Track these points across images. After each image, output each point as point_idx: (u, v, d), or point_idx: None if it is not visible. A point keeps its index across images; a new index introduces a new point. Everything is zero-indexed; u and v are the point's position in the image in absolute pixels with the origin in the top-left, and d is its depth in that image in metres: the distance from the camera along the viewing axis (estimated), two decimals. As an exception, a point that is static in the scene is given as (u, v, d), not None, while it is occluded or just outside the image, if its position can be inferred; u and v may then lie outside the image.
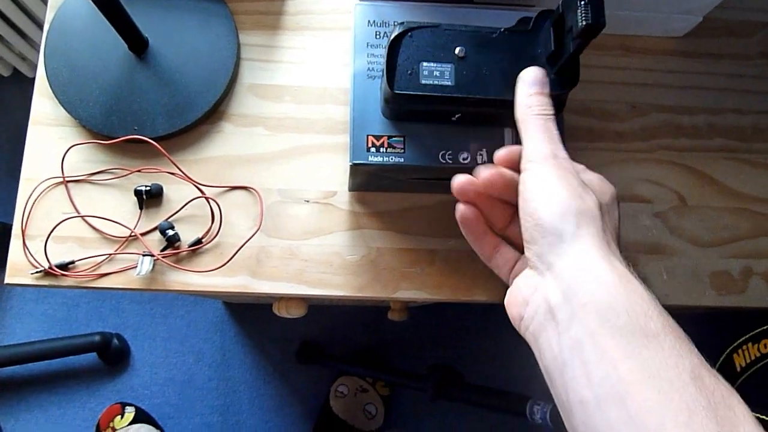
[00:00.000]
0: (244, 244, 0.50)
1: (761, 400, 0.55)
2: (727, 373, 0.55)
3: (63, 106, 0.52)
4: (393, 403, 1.24)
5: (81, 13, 0.53)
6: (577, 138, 0.56)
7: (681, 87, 0.59)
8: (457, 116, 0.44)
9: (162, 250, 0.51)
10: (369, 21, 0.47)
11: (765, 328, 0.57)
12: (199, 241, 0.51)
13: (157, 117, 0.52)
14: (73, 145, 0.52)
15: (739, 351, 0.56)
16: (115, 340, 1.20)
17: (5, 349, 1.18)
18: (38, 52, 1.16)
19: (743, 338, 0.56)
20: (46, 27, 0.54)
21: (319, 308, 1.25)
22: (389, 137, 0.45)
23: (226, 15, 0.54)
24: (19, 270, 0.50)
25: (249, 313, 1.26)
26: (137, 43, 0.52)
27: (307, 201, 0.53)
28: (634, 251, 0.55)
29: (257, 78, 0.55)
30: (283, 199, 0.53)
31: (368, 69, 0.46)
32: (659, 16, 0.56)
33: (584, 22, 0.36)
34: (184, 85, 0.52)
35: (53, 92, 0.52)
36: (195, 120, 0.52)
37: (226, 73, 0.53)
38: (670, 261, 0.55)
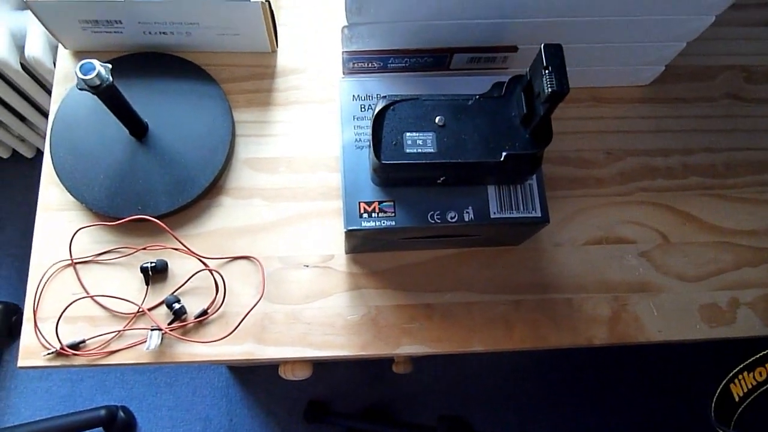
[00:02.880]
0: (248, 313, 0.52)
1: (760, 427, 0.56)
2: (727, 404, 0.56)
3: (69, 191, 0.55)
4: (404, 456, 1.22)
5: (83, 103, 0.57)
6: (559, 187, 0.59)
7: (653, 131, 0.62)
8: (442, 179, 0.46)
9: (169, 324, 0.53)
10: (353, 95, 0.50)
11: (758, 356, 0.58)
12: (204, 312, 0.53)
13: (159, 196, 0.55)
14: (79, 228, 0.54)
15: (736, 381, 0.57)
16: (121, 413, 1.19)
17: (11, 430, 1.17)
18: (36, 133, 1.21)
19: (738, 368, 0.58)
20: (50, 118, 0.57)
21: (324, 366, 1.26)
22: (380, 202, 0.47)
23: (221, 96, 0.58)
24: (32, 352, 0.52)
25: (254, 376, 1.27)
26: (138, 129, 0.55)
27: (307, 266, 0.55)
28: (623, 291, 0.57)
29: (252, 152, 0.58)
30: (284, 266, 0.55)
31: (356, 140, 0.49)
32: (625, 68, 0.60)
33: (549, 89, 0.39)
34: (184, 165, 0.55)
35: (59, 179, 0.55)
36: (195, 196, 0.55)
37: (223, 150, 0.56)
38: (658, 298, 0.57)
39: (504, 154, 0.44)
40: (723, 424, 0.54)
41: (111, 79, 0.47)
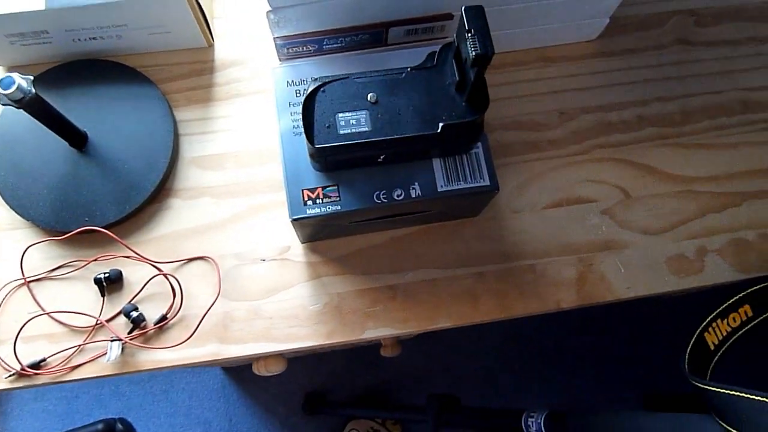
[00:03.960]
0: (206, 313, 0.52)
1: (738, 376, 0.56)
2: (701, 353, 0.56)
3: (14, 210, 0.54)
4: (407, 437, 1.23)
5: (19, 120, 0.55)
6: (513, 153, 0.58)
7: (605, 86, 0.61)
8: (382, 157, 0.45)
9: (129, 333, 0.52)
10: (288, 81, 0.49)
11: (730, 302, 0.58)
12: (164, 318, 0.52)
13: (105, 205, 0.53)
14: (28, 246, 0.53)
15: (710, 329, 0.57)
16: (119, 425, 1.19)
17: (12, 453, 1.17)
18: None
19: (711, 316, 0.57)
20: (-12, 138, 0.56)
21: (315, 357, 1.26)
22: (323, 188, 0.46)
23: (158, 96, 0.57)
24: (-6, 377, 0.51)
25: (249, 374, 1.26)
26: (76, 139, 0.54)
27: (263, 260, 0.54)
28: (587, 251, 0.56)
29: (197, 150, 0.57)
30: (240, 262, 0.54)
31: (293, 127, 0.48)
32: (568, 24, 0.58)
33: (474, 52, 0.38)
34: (127, 171, 0.54)
35: (3, 198, 0.54)
36: (142, 201, 0.54)
37: (166, 152, 0.55)
38: (624, 254, 0.56)
39: (441, 124, 0.43)
40: (698, 375, 0.53)
41: (33, 90, 0.45)
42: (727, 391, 0.47)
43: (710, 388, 0.49)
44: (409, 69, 0.44)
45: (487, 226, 0.56)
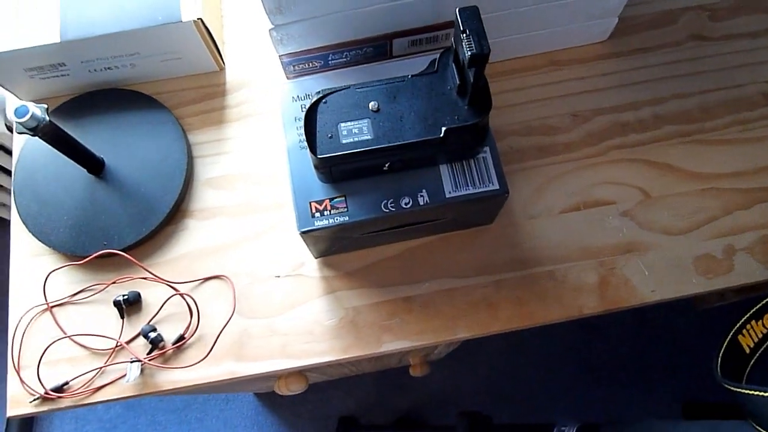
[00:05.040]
0: (221, 331, 0.52)
1: (776, 377, 0.53)
2: (736, 357, 0.53)
3: (37, 237, 0.55)
4: (443, 460, 1.20)
5: (41, 149, 0.57)
6: (527, 158, 0.57)
7: (618, 86, 0.60)
8: (387, 165, 0.45)
9: (148, 353, 0.52)
10: (293, 97, 0.50)
11: (766, 301, 0.55)
12: (182, 338, 0.52)
13: (123, 228, 0.54)
14: (51, 272, 0.55)
15: (744, 332, 0.54)
16: (156, 454, 1.20)
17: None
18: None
19: (745, 317, 0.55)
20: (13, 169, 0.58)
21: (347, 381, 1.24)
22: (331, 199, 0.46)
23: (172, 121, 0.58)
24: (19, 401, 0.52)
25: (281, 400, 1.26)
26: (94, 166, 0.55)
27: (278, 276, 0.54)
28: (608, 255, 0.54)
29: (211, 172, 0.58)
30: (255, 280, 0.54)
31: (300, 141, 0.48)
32: (576, 27, 0.58)
33: (469, 52, 0.38)
34: (143, 194, 0.55)
35: (26, 226, 0.56)
36: (158, 224, 0.55)
37: (181, 174, 0.56)
38: (647, 256, 0.54)
39: (444, 129, 0.43)
40: (733, 380, 0.51)
41: (47, 118, 0.47)
42: (762, 394, 0.44)
43: (745, 391, 0.46)
44: (410, 76, 0.44)
45: (503, 234, 0.55)
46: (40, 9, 0.54)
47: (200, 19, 0.53)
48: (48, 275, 0.54)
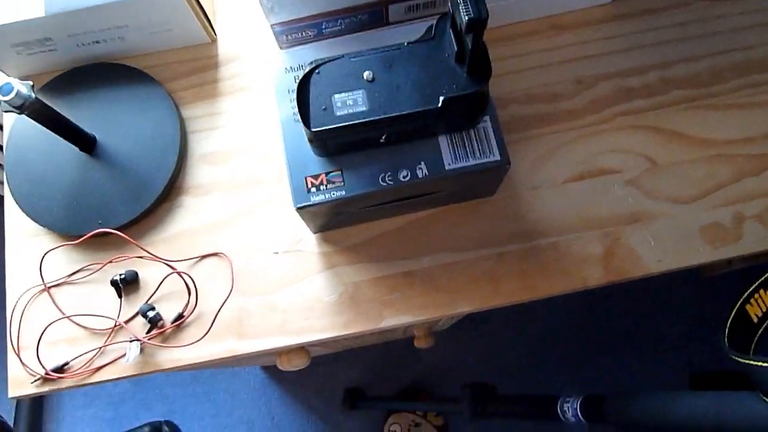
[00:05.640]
0: (219, 309, 0.51)
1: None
2: (743, 327, 0.52)
3: (30, 216, 0.54)
4: (451, 429, 1.21)
5: (31, 128, 0.55)
6: (529, 127, 0.56)
7: (623, 50, 0.58)
8: (384, 137, 0.44)
9: (147, 333, 0.52)
10: (286, 68, 0.48)
11: (774, 271, 0.54)
12: (180, 316, 0.52)
13: (117, 207, 0.53)
14: (46, 252, 0.54)
15: (752, 301, 0.53)
16: (165, 427, 1.21)
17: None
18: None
19: (753, 287, 0.53)
20: (4, 147, 0.57)
21: (352, 353, 1.25)
22: (327, 173, 0.45)
23: (164, 96, 0.56)
24: (21, 382, 0.52)
25: (288, 372, 1.27)
26: (85, 143, 0.54)
27: (276, 253, 0.53)
28: (613, 225, 0.53)
29: (206, 147, 0.57)
30: (253, 256, 0.53)
31: (294, 114, 0.47)
32: (580, -12, 0.55)
33: (467, 17, 0.36)
34: (137, 171, 0.54)
35: (19, 206, 0.55)
36: (154, 201, 0.54)
37: (174, 150, 0.55)
38: (653, 226, 0.53)
39: (442, 98, 0.41)
40: (741, 351, 0.50)
41: (33, 95, 0.45)
42: (770, 365, 0.43)
43: (753, 362, 0.46)
44: (406, 43, 0.43)
45: (504, 205, 0.54)
46: (23, -19, 0.52)
47: (188, -12, 0.52)
48: (44, 255, 0.54)
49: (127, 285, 0.53)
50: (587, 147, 0.55)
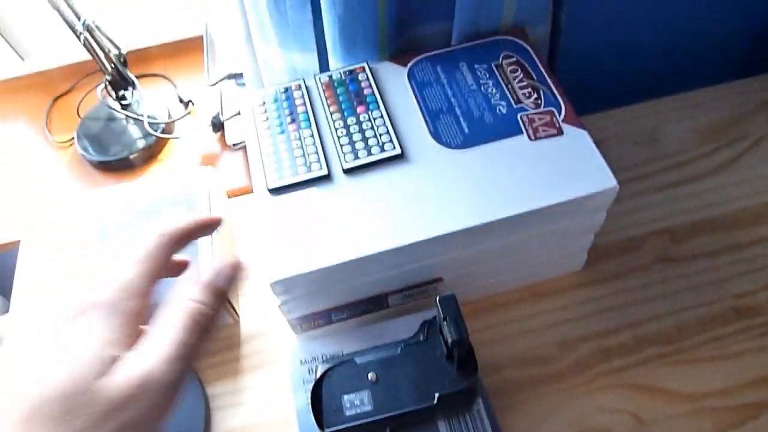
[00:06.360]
0: None
1: None
2: None
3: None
4: None
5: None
6: (520, 391, 0.61)
7: (598, 312, 0.65)
8: (388, 430, 0.49)
9: None
10: (301, 360, 0.55)
11: None
12: None
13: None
14: None
15: None
16: None
17: None
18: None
19: None
20: None
21: None
22: (339, 462, 0.50)
23: (191, 377, 0.63)
24: None
25: None
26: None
27: None
28: (610, 486, 0.56)
29: (229, 423, 0.62)
30: None
31: (307, 404, 0.53)
32: (550, 261, 0.65)
33: (451, 338, 0.43)
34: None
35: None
36: (178, 483, 0.57)
37: (198, 427, 0.60)
38: (650, 485, 0.56)
39: (437, 395, 0.47)
40: None
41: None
42: None
43: None
44: (402, 345, 0.50)
45: (506, 472, 0.57)
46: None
47: (218, 288, 0.61)
48: None
49: None
50: (577, 409, 0.60)
